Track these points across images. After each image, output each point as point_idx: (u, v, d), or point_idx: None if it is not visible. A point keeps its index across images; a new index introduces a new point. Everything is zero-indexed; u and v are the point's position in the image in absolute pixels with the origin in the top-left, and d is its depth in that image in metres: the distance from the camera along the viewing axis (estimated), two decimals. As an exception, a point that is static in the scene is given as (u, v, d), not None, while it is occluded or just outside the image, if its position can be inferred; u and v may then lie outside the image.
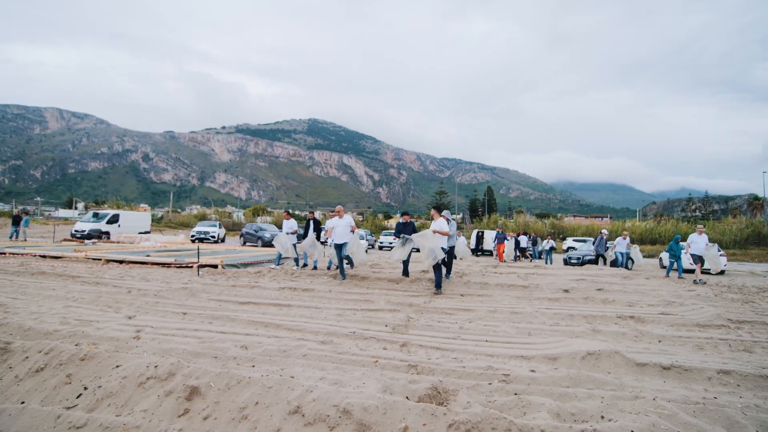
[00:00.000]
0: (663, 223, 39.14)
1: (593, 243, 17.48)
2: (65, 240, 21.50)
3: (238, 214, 65.10)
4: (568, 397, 3.02)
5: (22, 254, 12.57)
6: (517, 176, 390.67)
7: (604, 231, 16.89)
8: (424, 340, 4.65)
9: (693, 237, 12.15)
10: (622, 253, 15.31)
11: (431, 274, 9.30)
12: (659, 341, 4.84)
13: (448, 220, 8.93)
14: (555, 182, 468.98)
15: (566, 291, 7.96)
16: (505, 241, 20.31)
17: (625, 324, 5.64)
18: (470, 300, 7.23)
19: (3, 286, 7.46)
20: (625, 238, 15.44)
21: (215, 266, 10.73)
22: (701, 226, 12.41)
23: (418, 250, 8.86)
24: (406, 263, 9.46)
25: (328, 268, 10.85)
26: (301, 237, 11.80)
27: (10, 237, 20.56)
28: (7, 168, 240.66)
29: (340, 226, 9.15)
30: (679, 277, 12.19)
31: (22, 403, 2.85)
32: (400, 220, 9.85)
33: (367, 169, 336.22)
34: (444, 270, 8.95)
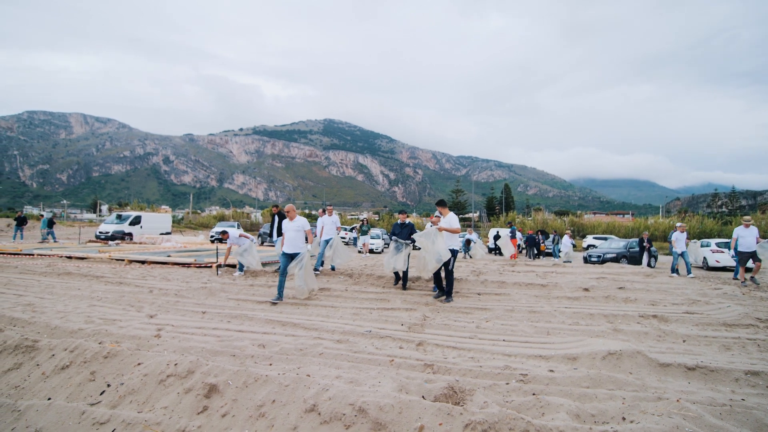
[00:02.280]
0: (687, 220, 38.11)
1: (669, 239, 13.61)
2: (90, 241, 22.12)
3: (256, 215, 65.87)
4: (587, 398, 2.96)
5: (49, 255, 12.99)
6: (535, 173, 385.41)
7: (680, 225, 12.88)
8: (440, 339, 4.62)
9: (739, 231, 10.40)
10: (683, 252, 12.21)
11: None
12: (684, 341, 4.71)
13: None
14: (574, 179, 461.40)
15: (586, 290, 7.82)
16: (516, 236, 19.90)
17: (647, 323, 5.50)
18: (487, 299, 7.16)
19: (31, 286, 7.71)
20: (683, 232, 12.46)
21: (234, 266, 10.87)
22: (748, 218, 10.77)
23: (417, 248, 7.76)
24: (400, 273, 8.05)
25: (316, 269, 9.58)
26: (267, 235, 10.81)
27: (44, 239, 21.39)
28: (35, 172, 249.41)
29: (291, 231, 7.10)
30: (734, 278, 10.82)
31: (49, 399, 2.94)
32: (398, 221, 8.44)
33: (383, 168, 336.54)
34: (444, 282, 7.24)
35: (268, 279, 9.01)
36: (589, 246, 28.62)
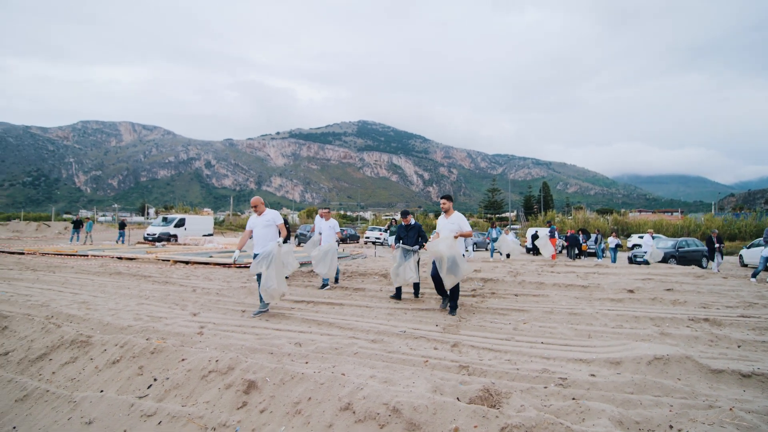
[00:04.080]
0: (743, 217, 35.66)
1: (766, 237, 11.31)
2: (139, 243, 23.35)
3: (293, 216, 67.38)
4: (631, 404, 2.83)
5: (102, 256, 13.81)
6: (574, 170, 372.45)
7: None
8: (475, 340, 4.55)
9: None
10: None
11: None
12: (738, 346, 4.41)
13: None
14: (618, 176, 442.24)
15: (631, 291, 7.48)
16: (556, 236, 19.23)
17: (698, 327, 5.20)
18: (525, 300, 6.99)
19: (85, 285, 8.22)
20: None
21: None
22: None
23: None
24: (411, 285, 7.11)
25: (324, 286, 8.11)
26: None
27: (117, 240, 22.98)
28: (88, 178, 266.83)
29: (259, 227, 6.20)
30: None
31: (101, 391, 3.13)
32: (402, 223, 7.15)
33: (417, 169, 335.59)
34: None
35: (305, 279, 9.19)
36: (634, 245, 27.34)
